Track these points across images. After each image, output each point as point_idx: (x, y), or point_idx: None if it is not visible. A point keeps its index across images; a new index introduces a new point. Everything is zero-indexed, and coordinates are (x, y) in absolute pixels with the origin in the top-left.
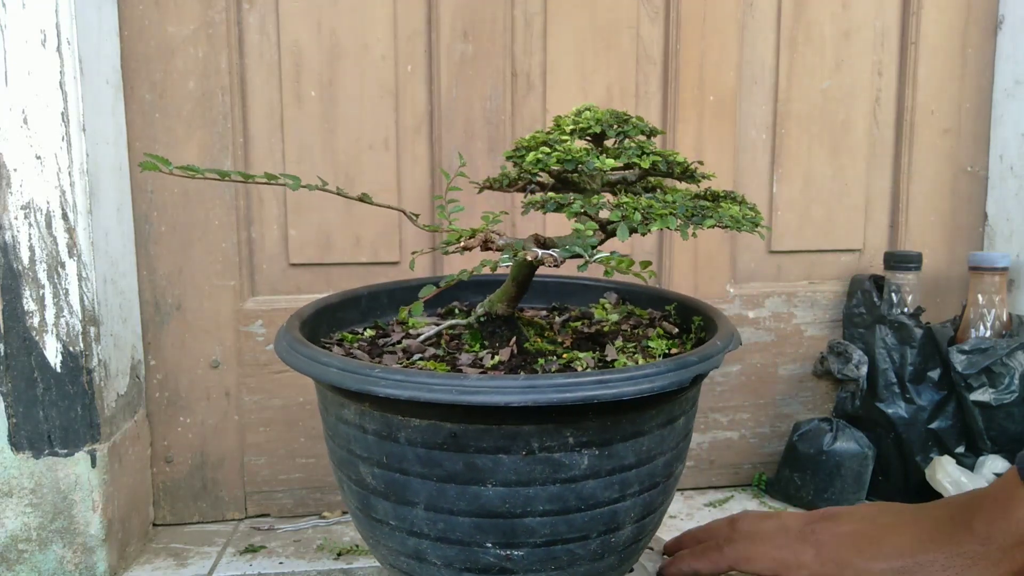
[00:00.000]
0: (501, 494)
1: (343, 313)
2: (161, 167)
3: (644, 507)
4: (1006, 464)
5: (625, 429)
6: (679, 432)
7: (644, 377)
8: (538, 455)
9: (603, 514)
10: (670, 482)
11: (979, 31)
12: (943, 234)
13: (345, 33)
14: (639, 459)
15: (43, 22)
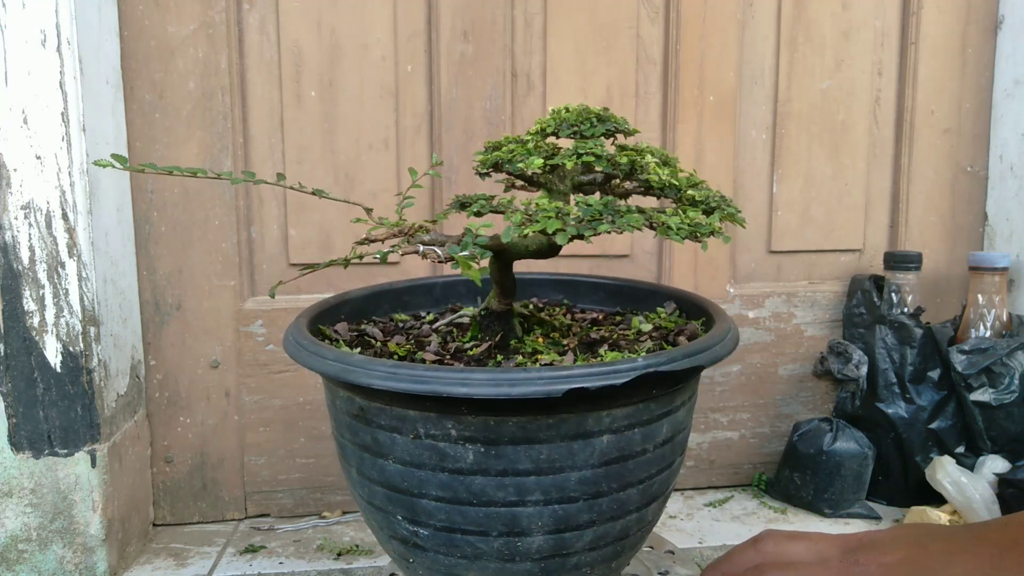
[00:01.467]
0: (400, 471)
1: (410, 298)
2: (116, 164)
3: (557, 520)
4: (1006, 464)
5: (513, 432)
6: (597, 451)
7: (524, 381)
8: (424, 440)
9: (500, 514)
10: (600, 504)
11: (979, 31)
12: (943, 234)
13: (345, 33)
14: (537, 466)
15: (43, 22)
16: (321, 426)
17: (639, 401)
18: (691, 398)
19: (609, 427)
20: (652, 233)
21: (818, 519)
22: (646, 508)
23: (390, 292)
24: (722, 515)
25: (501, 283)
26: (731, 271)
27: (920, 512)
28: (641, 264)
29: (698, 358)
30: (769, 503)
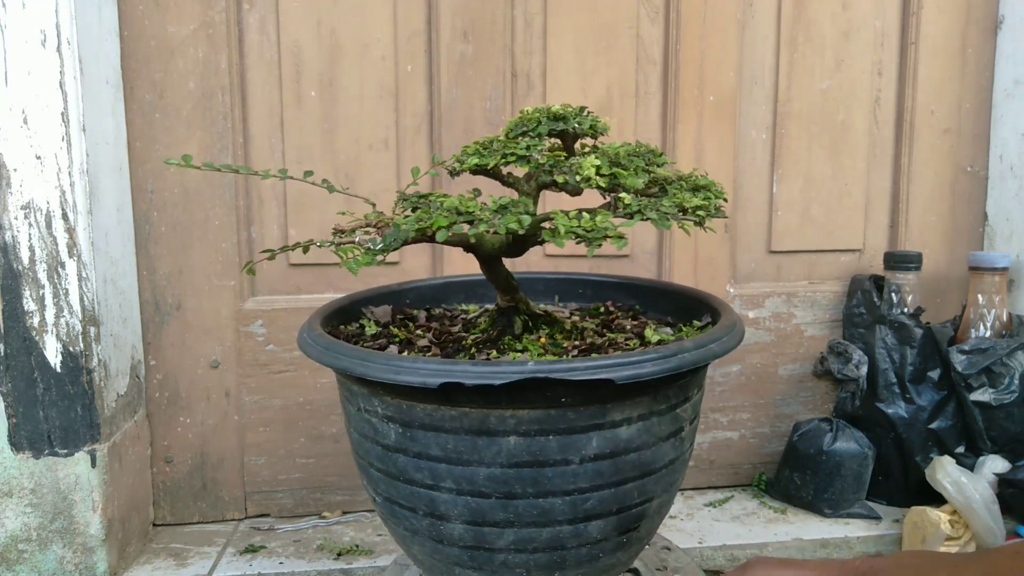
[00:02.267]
0: (356, 439)
1: (485, 291)
2: (181, 163)
3: (472, 512)
4: (1006, 464)
5: (421, 418)
6: (504, 451)
7: (409, 370)
8: (364, 415)
9: (421, 494)
10: (516, 506)
11: (979, 31)
12: (943, 234)
13: (345, 33)
14: (446, 455)
15: (43, 22)
16: (321, 426)
17: (549, 407)
18: (642, 418)
19: (515, 429)
20: (652, 233)
21: (818, 519)
22: (583, 523)
23: (459, 284)
24: (722, 515)
25: (492, 280)
26: (731, 271)
27: (920, 512)
28: (641, 264)
29: (603, 371)
30: (769, 503)
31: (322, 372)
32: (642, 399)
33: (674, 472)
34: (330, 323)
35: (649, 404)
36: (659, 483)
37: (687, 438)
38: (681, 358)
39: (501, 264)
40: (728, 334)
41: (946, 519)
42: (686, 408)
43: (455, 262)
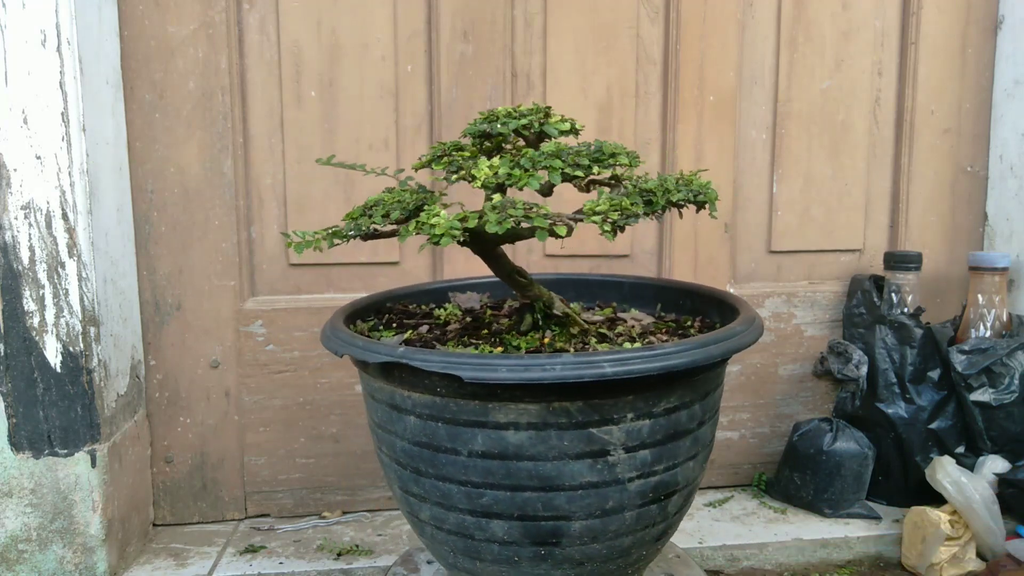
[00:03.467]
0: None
1: None
2: (323, 161)
3: (399, 477)
4: (1006, 464)
5: (369, 384)
6: (409, 428)
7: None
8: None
9: (381, 438)
10: (423, 483)
11: (979, 31)
12: (943, 234)
13: (345, 33)
14: (379, 420)
15: (43, 22)
16: (321, 426)
17: (438, 395)
18: (532, 427)
19: (412, 409)
20: (652, 234)
21: (818, 519)
22: (481, 519)
23: (572, 281)
24: (722, 515)
25: (499, 277)
26: (731, 271)
27: (920, 512)
28: (641, 264)
29: (454, 366)
30: (769, 503)
31: (322, 372)
32: (532, 406)
33: (597, 496)
34: (354, 320)
35: (541, 413)
36: (573, 503)
37: (617, 464)
38: (562, 365)
39: (503, 261)
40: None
41: (946, 519)
42: (610, 430)
43: (455, 262)
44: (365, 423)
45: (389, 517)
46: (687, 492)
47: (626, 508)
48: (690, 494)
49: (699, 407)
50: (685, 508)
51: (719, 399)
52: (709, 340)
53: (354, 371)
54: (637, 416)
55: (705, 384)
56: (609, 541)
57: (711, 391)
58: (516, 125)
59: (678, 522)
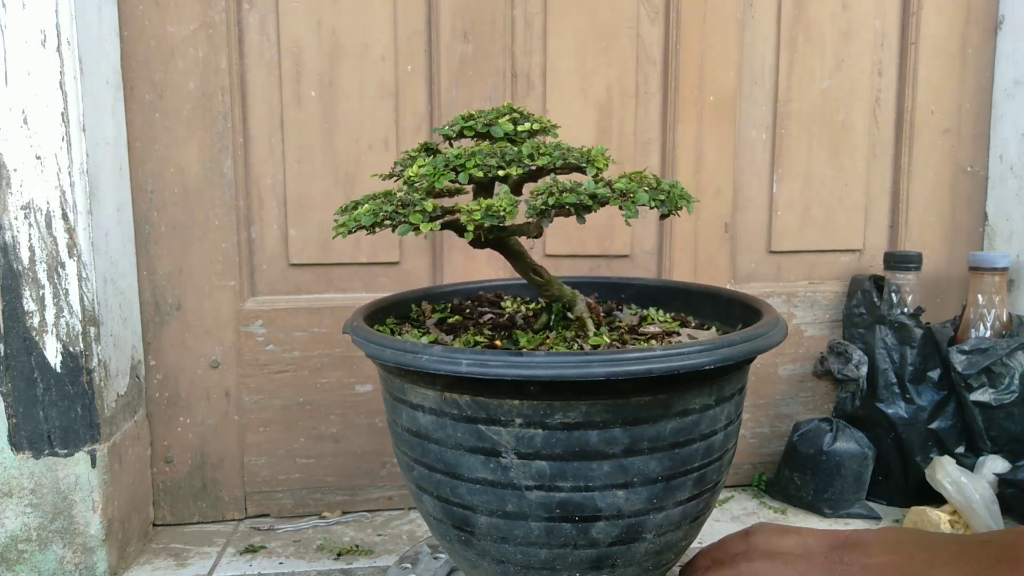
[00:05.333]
0: None
1: None
2: None
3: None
4: (1006, 464)
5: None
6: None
7: None
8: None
9: None
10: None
11: (979, 31)
12: (943, 234)
13: (345, 33)
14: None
15: (43, 22)
16: (321, 426)
17: (389, 373)
18: (442, 416)
19: (379, 383)
20: (652, 234)
21: (818, 519)
22: (417, 491)
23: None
24: (722, 515)
25: (518, 273)
26: (731, 271)
27: (920, 512)
28: (641, 264)
29: (378, 349)
30: (769, 503)
31: (322, 372)
32: (431, 392)
33: (495, 495)
34: (375, 320)
35: (438, 401)
36: (473, 496)
37: (510, 468)
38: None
39: (521, 259)
40: None
41: (946, 519)
42: None
43: (455, 262)
44: (365, 423)
45: (389, 517)
46: (627, 526)
47: (529, 517)
48: (635, 531)
49: (621, 431)
50: (637, 545)
51: (667, 433)
52: (628, 358)
53: (354, 371)
54: (526, 423)
55: (627, 410)
56: (520, 547)
57: (645, 420)
58: (461, 127)
59: (631, 557)
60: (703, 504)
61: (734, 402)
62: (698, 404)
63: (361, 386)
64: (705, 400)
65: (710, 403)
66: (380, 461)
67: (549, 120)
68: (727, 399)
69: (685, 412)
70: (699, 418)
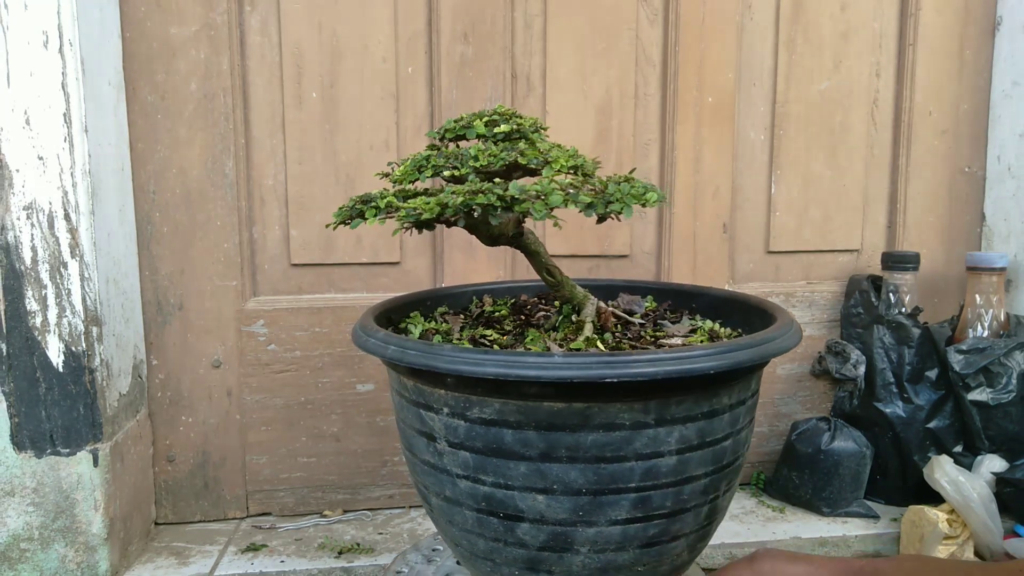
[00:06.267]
0: None
1: None
2: None
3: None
4: (1004, 463)
5: None
6: None
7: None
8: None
9: None
10: None
11: (977, 32)
12: (941, 234)
13: (346, 35)
14: None
15: (45, 23)
16: (322, 425)
17: None
18: (400, 397)
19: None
20: (651, 234)
21: (816, 518)
22: (405, 453)
23: None
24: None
25: (536, 272)
26: (730, 271)
27: (918, 511)
28: (640, 264)
29: (361, 336)
30: (767, 502)
31: (323, 372)
32: (402, 377)
33: (436, 478)
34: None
35: (404, 385)
36: (425, 476)
37: (443, 454)
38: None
39: (537, 258)
40: None
41: (944, 518)
42: None
43: (456, 262)
44: (366, 422)
45: (390, 516)
46: (553, 534)
47: (463, 505)
48: (564, 540)
49: (536, 434)
50: (571, 556)
51: (588, 444)
52: (535, 363)
53: (355, 370)
54: (451, 413)
55: (539, 413)
56: (463, 532)
57: (560, 427)
58: (444, 130)
59: (566, 568)
60: (657, 532)
61: (693, 428)
62: (628, 419)
63: (362, 385)
64: (639, 416)
65: (646, 421)
66: (381, 460)
67: (536, 121)
68: (671, 421)
69: (611, 426)
70: (631, 435)
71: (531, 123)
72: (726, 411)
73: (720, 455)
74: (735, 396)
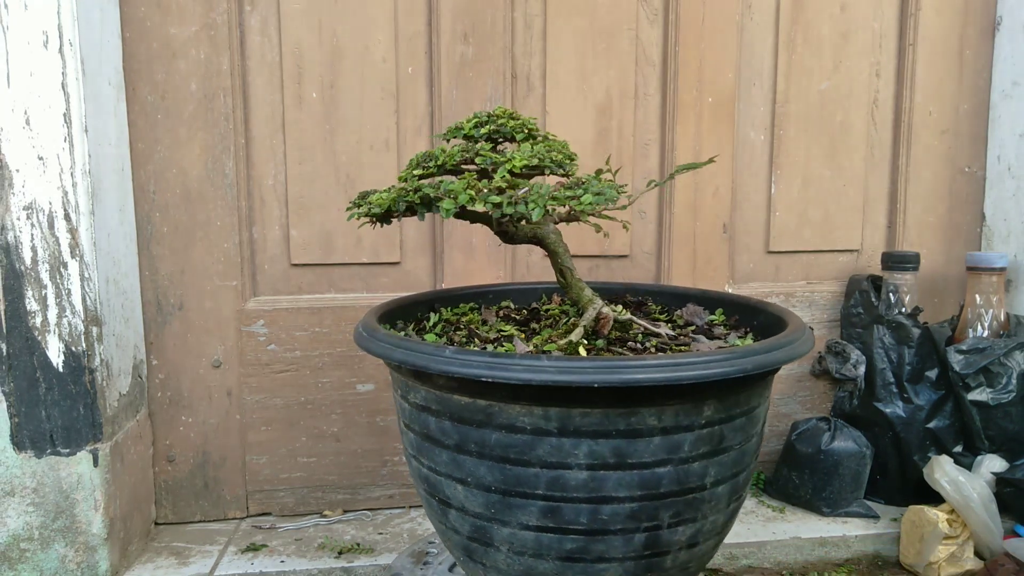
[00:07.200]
0: None
1: None
2: None
3: None
4: (1004, 463)
5: None
6: None
7: None
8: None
9: None
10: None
11: (977, 33)
12: (941, 234)
13: (346, 35)
14: None
15: (45, 23)
16: (322, 425)
17: None
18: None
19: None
20: (651, 234)
21: (816, 518)
22: None
23: None
24: None
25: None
26: (729, 271)
27: (918, 511)
28: (640, 264)
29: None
30: (767, 502)
31: (323, 372)
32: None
33: (407, 448)
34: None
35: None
36: (407, 444)
37: (405, 433)
38: None
39: (555, 258)
40: None
41: (944, 518)
42: None
43: (455, 262)
44: (366, 422)
45: (390, 516)
46: (475, 526)
47: (418, 481)
48: (485, 534)
49: (451, 425)
50: (494, 552)
51: (492, 443)
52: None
53: (355, 370)
54: (402, 396)
55: (451, 405)
56: (423, 506)
57: (470, 422)
58: (449, 131)
59: (492, 562)
60: (575, 548)
61: (607, 445)
62: (528, 423)
63: (362, 385)
64: (539, 422)
65: (549, 428)
66: (381, 460)
67: (525, 123)
68: (575, 433)
69: (512, 428)
70: (533, 440)
71: (516, 125)
72: (656, 434)
73: (650, 481)
74: (669, 419)
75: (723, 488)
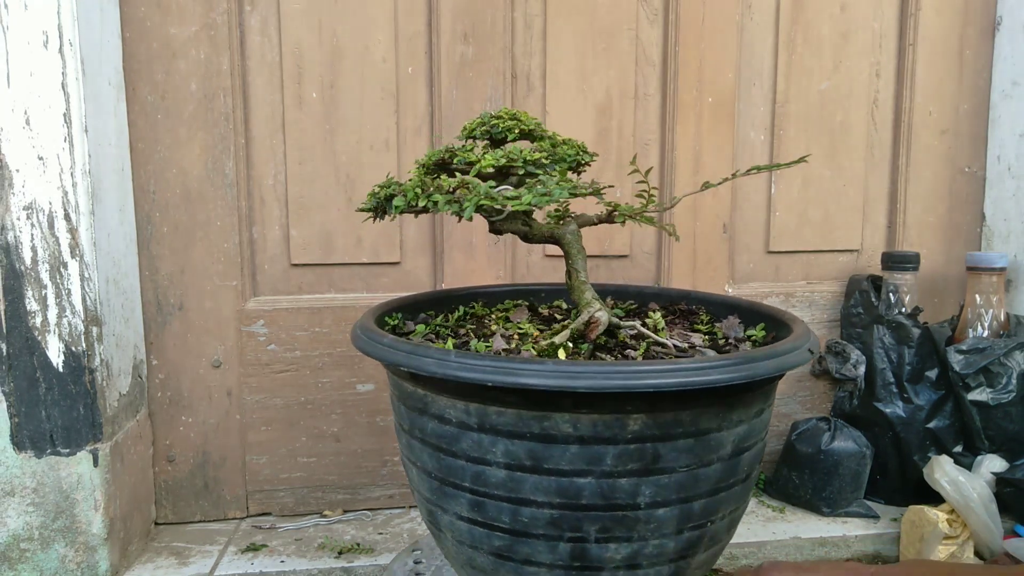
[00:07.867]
0: None
1: None
2: None
3: None
4: (1004, 463)
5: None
6: None
7: None
8: None
9: None
10: None
11: (977, 33)
12: (941, 234)
13: (346, 35)
14: None
15: (45, 23)
16: (322, 425)
17: None
18: None
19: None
20: (651, 234)
21: (816, 518)
22: None
23: None
24: None
25: None
26: (729, 271)
27: (918, 511)
28: (640, 264)
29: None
30: (767, 502)
31: (323, 372)
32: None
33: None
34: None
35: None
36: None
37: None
38: None
39: (567, 259)
40: None
41: (944, 518)
42: None
43: (456, 262)
44: (366, 422)
45: (390, 516)
46: (428, 511)
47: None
48: (434, 518)
49: (404, 409)
50: (442, 536)
51: (429, 432)
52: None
53: (355, 370)
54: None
55: (411, 400)
56: None
57: (414, 409)
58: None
59: (445, 547)
60: (503, 545)
61: (522, 446)
62: (453, 416)
63: (362, 385)
64: (462, 416)
65: (470, 423)
66: (381, 460)
67: (516, 124)
68: (492, 430)
69: (442, 419)
70: (459, 433)
71: (505, 126)
72: (572, 442)
73: (571, 491)
74: (585, 428)
75: (665, 512)
